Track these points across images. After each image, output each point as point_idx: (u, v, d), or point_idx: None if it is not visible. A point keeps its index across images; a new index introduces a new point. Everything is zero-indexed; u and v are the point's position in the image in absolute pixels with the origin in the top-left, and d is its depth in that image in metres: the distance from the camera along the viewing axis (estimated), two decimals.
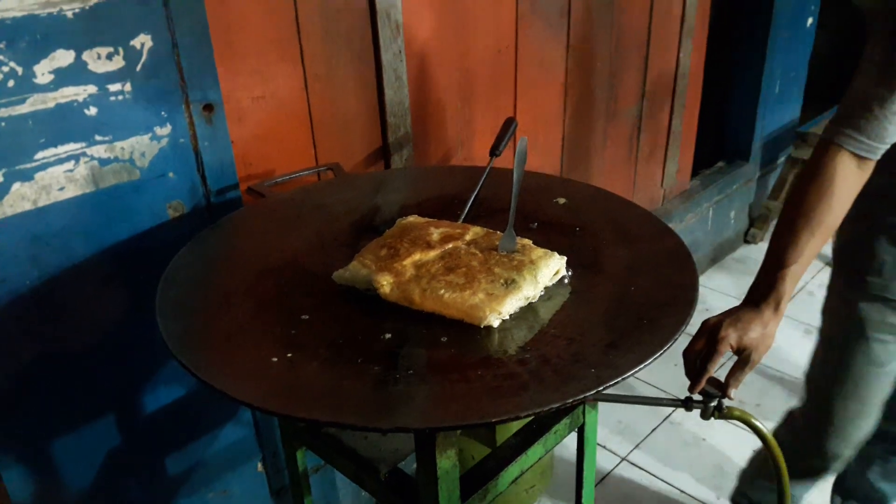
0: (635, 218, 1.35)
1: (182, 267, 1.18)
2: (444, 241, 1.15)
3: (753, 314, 1.14)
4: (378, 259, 1.11)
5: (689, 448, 2.25)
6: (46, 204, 1.23)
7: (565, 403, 0.86)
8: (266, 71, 1.50)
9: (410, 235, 1.17)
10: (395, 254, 1.12)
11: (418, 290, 1.04)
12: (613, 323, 1.01)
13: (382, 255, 1.12)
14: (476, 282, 1.04)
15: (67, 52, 1.17)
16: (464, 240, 1.16)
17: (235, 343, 1.00)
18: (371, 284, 1.07)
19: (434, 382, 0.92)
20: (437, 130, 1.94)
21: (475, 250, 1.13)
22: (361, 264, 1.11)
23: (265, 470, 1.75)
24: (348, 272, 1.11)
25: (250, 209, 1.45)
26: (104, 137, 1.26)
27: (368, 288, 1.08)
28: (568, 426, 1.27)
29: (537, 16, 2.09)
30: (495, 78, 2.03)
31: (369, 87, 1.71)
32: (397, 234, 1.19)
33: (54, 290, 1.28)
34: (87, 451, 1.42)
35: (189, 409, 1.55)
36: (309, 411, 0.87)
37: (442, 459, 1.03)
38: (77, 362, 1.35)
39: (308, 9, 1.53)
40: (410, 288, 1.05)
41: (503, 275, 1.06)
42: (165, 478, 1.58)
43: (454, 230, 1.18)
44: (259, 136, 1.53)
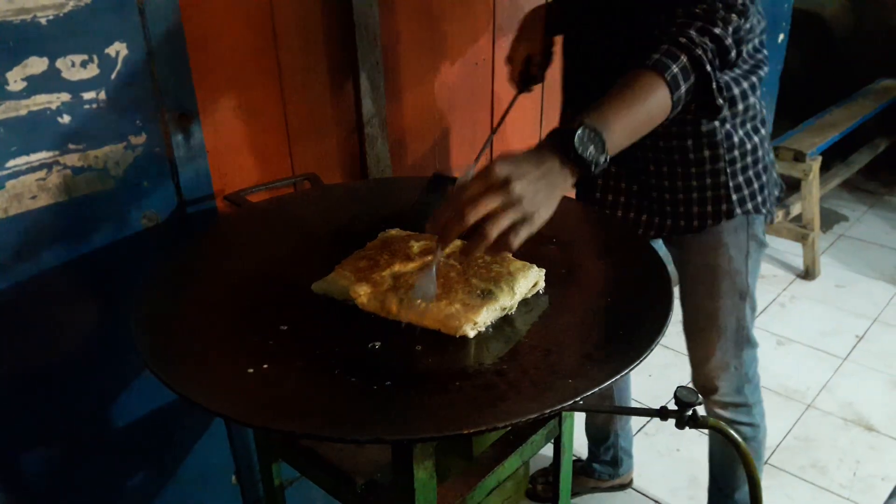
0: (611, 229, 1.36)
1: (157, 278, 1.17)
2: (423, 253, 1.15)
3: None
4: (357, 270, 1.11)
5: (662, 458, 2.27)
6: (18, 213, 1.21)
7: (543, 414, 0.86)
8: (242, 81, 1.49)
9: (391, 248, 1.17)
10: (375, 265, 1.12)
11: (395, 300, 1.04)
12: (590, 334, 1.02)
13: (361, 267, 1.12)
14: (453, 292, 1.05)
15: (41, 59, 1.16)
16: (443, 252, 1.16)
17: (211, 354, 0.99)
18: (349, 295, 1.07)
19: (411, 393, 0.91)
20: (415, 142, 1.94)
21: (454, 261, 1.14)
22: (340, 275, 1.10)
23: (240, 483, 1.73)
24: (326, 282, 1.11)
25: (226, 219, 1.44)
26: (77, 146, 1.24)
27: (346, 299, 1.08)
28: (545, 437, 1.27)
29: (514, 29, 2.10)
30: (473, 90, 2.05)
31: (347, 98, 1.71)
32: (378, 246, 1.19)
33: (25, 301, 1.26)
34: (57, 465, 1.39)
35: (163, 421, 1.53)
36: (285, 423, 0.86)
37: (419, 471, 1.03)
38: (48, 375, 1.33)
39: (285, 20, 1.52)
40: (388, 298, 1.05)
41: (480, 286, 1.06)
42: (138, 491, 1.55)
43: (435, 243, 1.18)
44: (235, 146, 1.52)
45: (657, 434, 2.34)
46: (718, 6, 1.11)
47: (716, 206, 1.45)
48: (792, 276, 3.31)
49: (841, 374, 2.65)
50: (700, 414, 1.12)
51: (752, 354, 1.63)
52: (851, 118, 3.54)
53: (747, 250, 1.51)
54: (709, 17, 1.10)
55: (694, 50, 1.07)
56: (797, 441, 2.33)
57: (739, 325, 1.57)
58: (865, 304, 3.06)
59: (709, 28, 1.09)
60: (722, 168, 1.42)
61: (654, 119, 1.08)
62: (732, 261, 1.51)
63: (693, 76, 1.08)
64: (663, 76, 1.05)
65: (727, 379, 1.62)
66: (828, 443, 2.32)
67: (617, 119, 1.01)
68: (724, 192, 1.44)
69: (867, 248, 3.56)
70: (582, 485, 2.14)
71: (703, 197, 1.45)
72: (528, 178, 0.91)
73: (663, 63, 1.06)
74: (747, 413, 1.67)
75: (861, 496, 2.11)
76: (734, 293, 1.54)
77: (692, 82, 1.08)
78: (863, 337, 2.85)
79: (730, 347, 1.59)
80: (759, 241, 1.53)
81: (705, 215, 1.47)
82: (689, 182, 1.44)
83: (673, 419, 1.13)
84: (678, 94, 1.07)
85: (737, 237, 1.49)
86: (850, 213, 3.92)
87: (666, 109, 1.07)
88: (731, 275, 1.52)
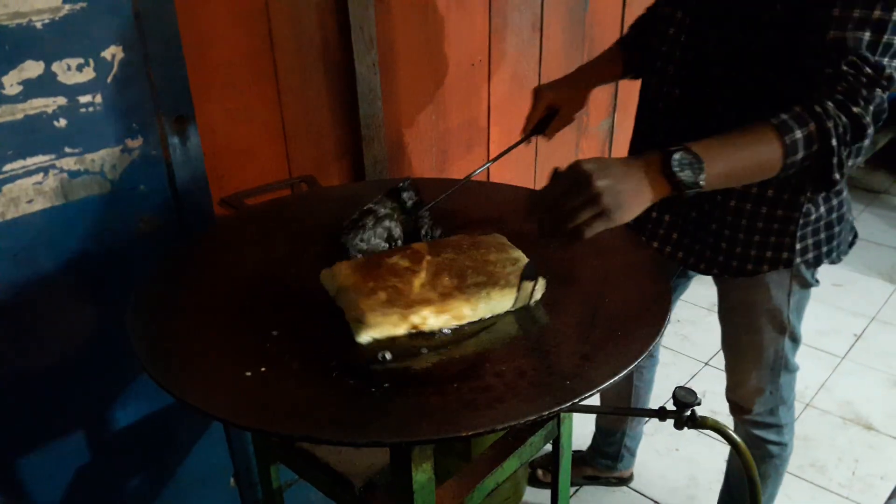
0: (609, 230, 1.36)
1: (154, 280, 1.17)
2: (415, 261, 1.14)
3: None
4: (388, 305, 1.05)
5: (661, 458, 2.27)
6: (14, 217, 1.21)
7: (541, 416, 0.86)
8: (239, 83, 1.49)
9: (383, 269, 1.12)
10: (399, 293, 1.06)
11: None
12: (587, 335, 1.02)
13: (386, 300, 1.05)
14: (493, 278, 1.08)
15: (37, 63, 1.16)
16: (426, 258, 1.15)
17: (208, 357, 0.99)
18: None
19: (409, 396, 0.91)
20: (412, 142, 1.95)
21: (453, 258, 1.15)
22: (387, 322, 1.02)
23: (238, 485, 1.73)
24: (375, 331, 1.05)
25: (223, 222, 1.44)
26: (74, 149, 1.24)
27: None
28: (543, 438, 1.27)
29: (510, 30, 2.11)
30: (469, 91, 2.05)
31: (343, 99, 1.71)
32: (367, 276, 1.11)
33: (22, 305, 1.25)
34: (55, 468, 1.39)
35: (161, 424, 1.53)
36: (283, 426, 0.86)
37: (417, 473, 1.03)
38: (46, 378, 1.33)
39: (281, 22, 1.52)
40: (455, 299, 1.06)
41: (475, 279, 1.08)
42: (137, 494, 1.55)
43: (409, 253, 1.17)
44: (232, 149, 1.52)
45: (656, 434, 2.34)
46: (863, 81, 1.07)
47: (776, 253, 1.37)
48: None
49: (839, 373, 2.65)
50: (698, 414, 1.12)
51: (789, 379, 1.58)
52: None
53: (790, 288, 1.45)
54: (850, 94, 1.06)
55: (825, 122, 1.05)
56: (796, 440, 2.31)
57: (777, 357, 1.52)
58: (863, 302, 3.06)
59: (848, 105, 1.06)
60: (795, 217, 1.34)
61: (759, 172, 1.07)
62: (773, 299, 1.45)
63: (816, 146, 1.06)
64: (782, 138, 1.04)
65: (761, 402, 1.58)
66: (826, 442, 2.32)
67: (721, 157, 1.02)
68: (788, 241, 1.36)
69: (865, 246, 3.56)
70: (579, 472, 2.14)
71: (765, 241, 1.36)
72: (611, 178, 0.95)
73: (788, 126, 1.05)
74: (778, 433, 1.63)
75: (860, 495, 2.11)
76: (773, 328, 1.48)
77: (813, 151, 1.06)
78: (861, 336, 2.85)
79: (766, 374, 1.54)
80: (806, 282, 1.45)
81: (762, 260, 1.38)
82: (754, 222, 1.35)
83: (672, 419, 1.13)
84: (793, 160, 1.06)
85: (780, 277, 1.42)
86: None
87: (774, 168, 1.06)
88: (772, 312, 1.47)
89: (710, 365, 2.64)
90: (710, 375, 2.59)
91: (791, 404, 1.63)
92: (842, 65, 1.07)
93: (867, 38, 1.07)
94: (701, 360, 2.68)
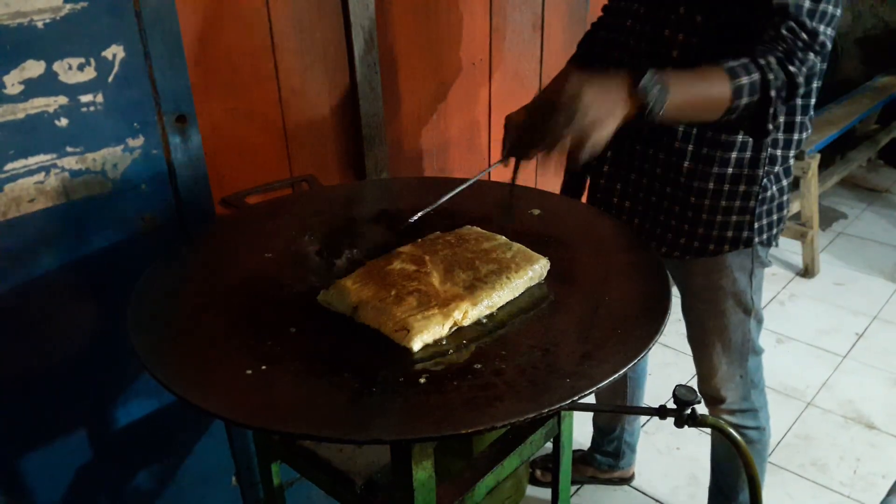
0: (609, 229, 1.36)
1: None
2: (418, 263, 1.15)
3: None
4: (424, 307, 1.05)
5: (662, 456, 2.27)
6: (16, 216, 1.21)
7: (541, 414, 0.86)
8: (240, 83, 1.50)
9: (393, 276, 1.12)
10: (427, 295, 1.06)
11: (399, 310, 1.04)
12: (588, 333, 1.02)
13: (418, 304, 1.05)
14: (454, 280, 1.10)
15: (38, 62, 1.16)
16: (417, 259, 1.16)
17: (209, 356, 0.99)
18: (350, 311, 1.07)
19: (410, 394, 0.92)
20: (412, 142, 1.95)
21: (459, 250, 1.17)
22: (433, 324, 1.01)
23: (239, 484, 1.74)
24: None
25: (224, 221, 1.44)
26: (75, 149, 1.24)
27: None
28: (544, 436, 1.27)
29: (511, 29, 2.11)
30: (470, 90, 2.05)
31: (344, 98, 1.71)
32: (383, 285, 1.10)
33: (23, 304, 1.26)
34: (57, 466, 1.40)
35: (162, 423, 1.53)
36: (284, 424, 0.86)
37: (418, 471, 1.03)
38: (47, 377, 1.33)
39: (282, 21, 1.53)
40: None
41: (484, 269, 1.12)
42: (138, 493, 1.56)
43: (406, 257, 1.18)
44: (233, 148, 1.52)
45: (657, 433, 2.34)
46: (799, 45, 1.16)
47: (737, 232, 1.43)
48: (791, 274, 3.31)
49: (841, 371, 2.64)
50: (699, 412, 1.13)
51: (756, 361, 1.62)
52: (849, 116, 3.54)
53: (751, 269, 1.49)
54: (788, 54, 1.15)
55: (768, 74, 1.13)
56: (797, 439, 2.33)
57: (745, 339, 1.56)
58: (865, 301, 3.06)
59: (786, 64, 1.15)
60: (755, 192, 1.40)
61: (707, 110, 1.15)
62: (737, 281, 1.50)
63: (758, 95, 1.14)
64: (732, 80, 1.12)
65: (734, 389, 1.61)
66: (828, 441, 2.32)
67: (681, 87, 1.10)
68: (748, 219, 1.42)
69: (866, 245, 3.56)
70: (581, 473, 2.14)
71: (726, 221, 1.43)
72: (593, 93, 1.02)
73: (736, 71, 1.13)
74: (754, 417, 1.66)
75: (861, 494, 2.11)
76: (739, 310, 1.53)
77: (755, 100, 1.14)
78: (862, 334, 2.85)
79: (735, 359, 1.58)
80: (762, 262, 1.51)
81: (724, 240, 1.44)
82: (717, 202, 1.41)
83: (672, 418, 1.14)
84: (737, 103, 1.13)
85: (741, 258, 1.48)
86: (848, 210, 3.92)
87: (720, 109, 1.14)
88: (736, 294, 1.51)
89: None
90: None
91: (762, 388, 1.67)
92: (782, 28, 1.16)
93: (806, 5, 1.16)
94: None
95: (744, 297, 1.51)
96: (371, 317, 1.04)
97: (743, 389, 1.62)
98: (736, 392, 1.62)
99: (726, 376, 1.60)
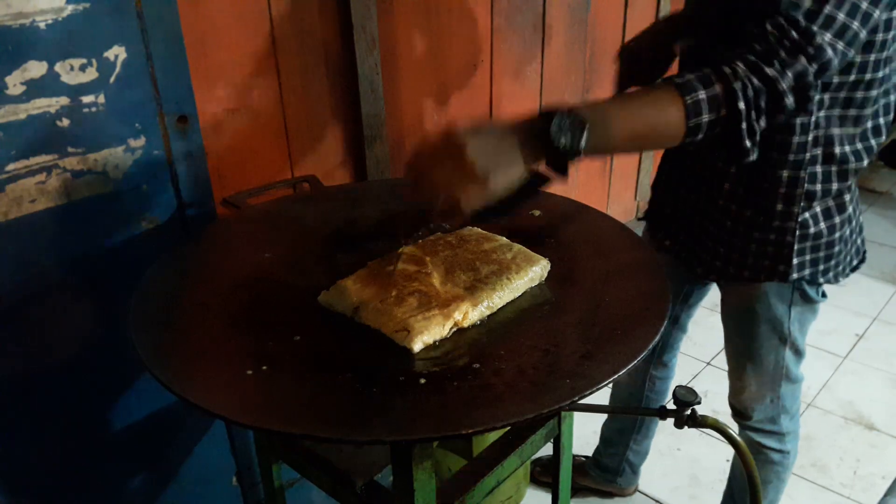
0: (609, 230, 1.36)
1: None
2: (419, 264, 1.15)
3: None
4: (424, 308, 1.05)
5: (663, 458, 2.27)
6: (17, 216, 1.21)
7: (541, 414, 0.86)
8: (241, 83, 1.50)
9: (394, 276, 1.13)
10: (427, 295, 1.06)
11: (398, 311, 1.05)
12: (588, 334, 1.02)
13: (419, 305, 1.05)
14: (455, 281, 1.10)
15: (40, 63, 1.17)
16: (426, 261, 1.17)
17: (210, 356, 0.99)
18: (351, 311, 1.07)
19: (410, 394, 0.92)
20: (414, 143, 1.95)
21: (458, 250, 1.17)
22: (433, 325, 1.02)
23: (240, 484, 1.74)
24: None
25: (225, 222, 1.45)
26: (77, 149, 1.25)
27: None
28: (544, 437, 1.27)
29: (512, 30, 2.11)
30: (471, 91, 2.05)
31: (345, 99, 1.71)
32: (384, 286, 1.11)
33: (24, 304, 1.26)
34: (58, 466, 1.40)
35: (163, 423, 1.53)
36: (284, 424, 0.86)
37: (418, 471, 1.03)
38: (49, 377, 1.33)
39: (284, 22, 1.53)
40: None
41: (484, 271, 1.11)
42: (139, 493, 1.56)
43: (407, 258, 1.18)
44: (234, 149, 1.53)
45: (658, 434, 2.33)
46: (785, 44, 1.00)
47: (772, 263, 1.35)
48: None
49: (841, 372, 2.64)
50: (699, 413, 1.13)
51: (791, 389, 1.55)
52: None
53: (791, 300, 1.41)
54: (766, 55, 1.00)
55: (732, 83, 0.99)
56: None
57: (777, 365, 1.49)
58: (865, 302, 3.06)
59: (761, 67, 0.99)
60: (791, 228, 1.30)
61: (658, 135, 1.02)
62: (772, 308, 1.42)
63: (724, 110, 1.00)
64: (683, 98, 0.98)
65: (762, 410, 1.56)
66: (828, 442, 2.32)
67: (611, 119, 0.96)
68: (786, 253, 1.32)
69: (867, 246, 3.56)
70: (575, 481, 2.12)
71: (761, 251, 1.34)
72: (484, 143, 0.90)
73: (691, 85, 0.99)
74: (779, 440, 1.61)
75: (862, 495, 2.11)
76: (774, 336, 1.46)
77: (721, 116, 1.00)
78: (863, 336, 2.85)
79: (766, 382, 1.52)
80: (809, 298, 1.42)
81: (759, 269, 1.36)
82: (751, 231, 1.33)
83: (672, 419, 1.14)
84: (696, 122, 0.99)
85: (779, 287, 1.39)
86: None
87: (677, 132, 1.00)
88: (772, 321, 1.44)
89: (712, 365, 2.64)
90: (711, 375, 2.59)
91: (794, 414, 1.60)
92: (766, 23, 1.01)
93: (806, 4, 1.01)
94: (703, 359, 2.68)
95: (780, 325, 1.44)
96: (372, 317, 1.04)
97: (772, 412, 1.56)
98: (764, 413, 1.57)
99: (755, 396, 1.55)
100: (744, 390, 1.56)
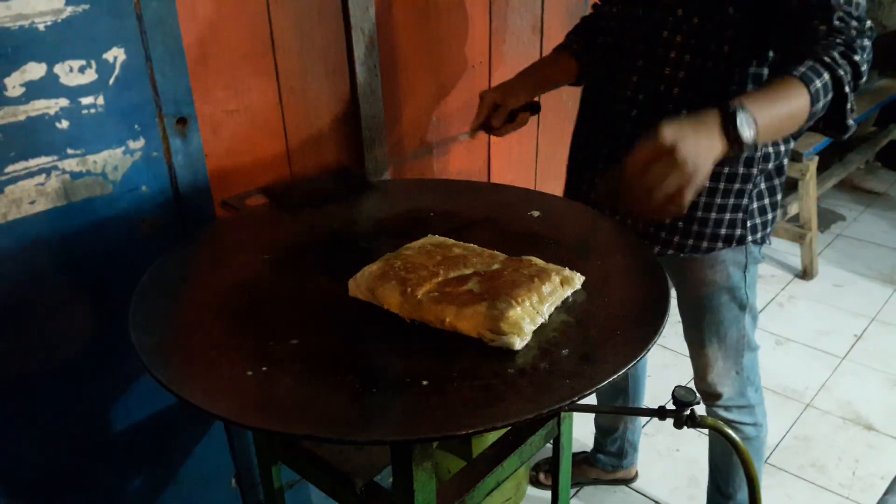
0: (608, 231, 1.37)
1: (155, 281, 1.17)
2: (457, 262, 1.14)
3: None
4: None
5: (662, 458, 2.27)
6: (17, 218, 1.21)
7: (540, 414, 0.86)
8: (240, 85, 1.50)
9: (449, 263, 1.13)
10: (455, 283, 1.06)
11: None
12: (587, 334, 1.02)
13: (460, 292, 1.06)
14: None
15: (39, 65, 1.17)
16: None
17: (209, 357, 0.99)
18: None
19: (410, 395, 0.92)
20: (413, 144, 1.95)
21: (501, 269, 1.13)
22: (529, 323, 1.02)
23: (239, 486, 1.74)
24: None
25: (224, 223, 1.45)
26: (76, 151, 1.25)
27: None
28: (543, 437, 1.28)
29: (510, 32, 2.12)
30: (470, 92, 2.05)
31: (344, 101, 1.71)
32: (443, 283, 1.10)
33: (24, 305, 1.26)
34: (57, 468, 1.40)
35: (162, 424, 1.53)
36: (284, 425, 0.86)
37: (418, 472, 1.03)
38: (48, 378, 1.33)
39: (282, 24, 1.53)
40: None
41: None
42: (138, 494, 1.56)
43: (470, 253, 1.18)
44: (233, 150, 1.53)
45: (657, 434, 2.34)
46: (853, 34, 1.15)
47: (730, 230, 1.45)
48: (790, 276, 3.31)
49: (839, 373, 2.65)
50: (698, 413, 1.13)
51: (752, 358, 1.63)
52: None
53: (745, 264, 1.51)
54: (850, 45, 1.14)
55: (837, 71, 1.11)
56: (796, 440, 2.33)
57: (740, 335, 1.58)
58: (863, 303, 3.07)
59: (850, 54, 1.13)
60: (749, 190, 1.42)
61: (792, 123, 1.11)
62: (731, 277, 1.51)
63: (832, 94, 1.12)
64: (808, 88, 1.09)
65: (730, 385, 1.63)
66: (826, 442, 2.32)
67: (764, 111, 1.05)
68: (742, 217, 1.44)
69: (865, 247, 3.57)
70: (584, 475, 2.14)
71: (720, 219, 1.44)
72: (691, 141, 0.97)
73: (809, 76, 1.10)
74: (750, 414, 1.68)
75: (860, 495, 2.11)
76: (734, 305, 1.55)
77: (829, 100, 1.12)
78: (861, 336, 2.86)
79: (731, 356, 1.59)
80: (756, 258, 1.53)
81: (717, 238, 1.45)
82: (712, 199, 1.42)
83: (671, 419, 1.14)
84: (816, 109, 1.10)
85: (734, 254, 1.49)
86: (847, 212, 3.93)
87: (802, 120, 1.11)
88: (731, 289, 1.53)
89: None
90: None
91: (758, 385, 1.68)
92: (834, 20, 1.16)
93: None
94: None
95: (738, 292, 1.53)
96: (449, 316, 1.01)
97: (739, 385, 1.63)
98: (732, 388, 1.63)
99: (722, 372, 1.61)
100: (711, 369, 1.62)
